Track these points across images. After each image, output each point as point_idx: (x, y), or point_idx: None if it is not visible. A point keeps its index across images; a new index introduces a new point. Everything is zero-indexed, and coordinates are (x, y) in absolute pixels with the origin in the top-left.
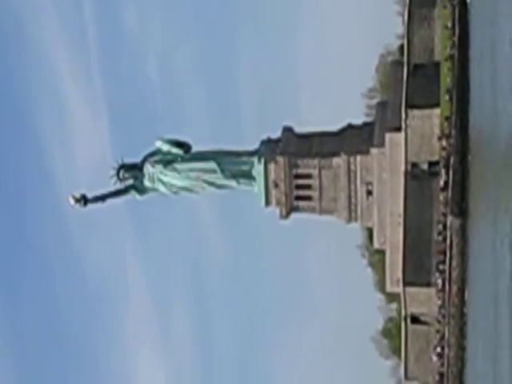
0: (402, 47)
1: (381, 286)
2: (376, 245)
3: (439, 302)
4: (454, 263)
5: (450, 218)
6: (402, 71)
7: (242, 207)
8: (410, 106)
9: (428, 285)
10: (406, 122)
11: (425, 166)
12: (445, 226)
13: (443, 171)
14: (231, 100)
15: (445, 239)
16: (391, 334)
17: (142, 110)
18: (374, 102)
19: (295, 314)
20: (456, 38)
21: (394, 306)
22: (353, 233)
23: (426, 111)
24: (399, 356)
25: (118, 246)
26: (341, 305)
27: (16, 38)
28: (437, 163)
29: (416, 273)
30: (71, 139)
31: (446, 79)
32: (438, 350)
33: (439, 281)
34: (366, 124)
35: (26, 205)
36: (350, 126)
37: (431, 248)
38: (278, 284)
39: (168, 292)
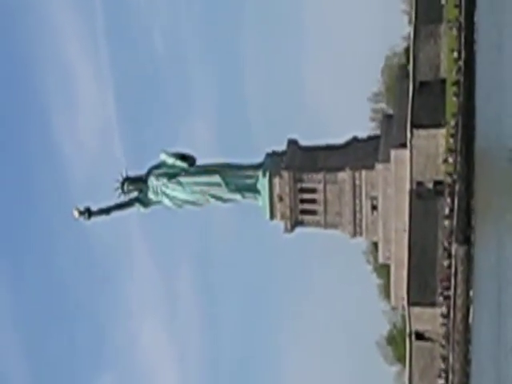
0: (407, 50)
1: (386, 291)
2: (381, 259)
3: (444, 329)
4: (459, 290)
5: (454, 246)
6: (408, 85)
7: None
8: (416, 125)
9: (433, 305)
10: (411, 142)
11: (430, 185)
12: (450, 254)
13: (448, 199)
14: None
15: (449, 266)
16: (396, 341)
17: (147, 80)
18: (380, 106)
19: (299, 316)
20: (462, 62)
21: (399, 311)
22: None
23: (432, 131)
24: (403, 363)
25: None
26: (346, 310)
27: (23, 5)
28: (442, 182)
29: (421, 293)
30: (76, 106)
31: (452, 105)
32: (443, 375)
33: (444, 308)
34: (371, 138)
35: (30, 171)
36: (355, 139)
37: (436, 267)
38: (283, 284)
39: (173, 258)
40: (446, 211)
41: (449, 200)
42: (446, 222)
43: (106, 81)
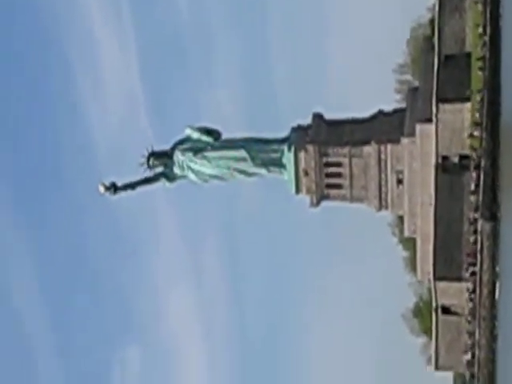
0: (432, 21)
1: (412, 264)
2: (407, 233)
3: (470, 305)
4: (485, 266)
5: (480, 222)
6: (433, 58)
7: None
8: (441, 99)
9: (459, 279)
10: (436, 116)
11: (456, 160)
12: (475, 230)
13: (474, 174)
14: (262, 51)
15: (475, 242)
16: (422, 313)
17: (171, 46)
18: (405, 77)
19: (325, 290)
20: (487, 37)
21: (425, 284)
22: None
23: (457, 105)
24: (429, 335)
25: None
26: (372, 283)
27: None
28: (468, 157)
29: (447, 267)
30: (101, 74)
31: (478, 80)
32: (469, 350)
33: (470, 284)
34: (396, 111)
35: (55, 140)
36: (380, 113)
37: (462, 242)
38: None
39: (198, 231)
40: (472, 187)
41: (474, 175)
42: (472, 198)
43: (130, 47)
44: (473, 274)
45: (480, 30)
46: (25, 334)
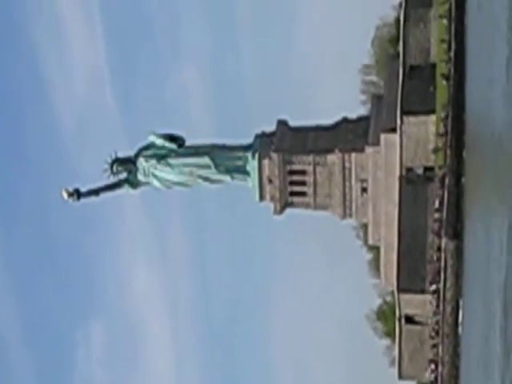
0: (397, 20)
1: (376, 265)
2: (371, 241)
3: (433, 320)
4: (448, 284)
5: (444, 240)
6: (398, 66)
7: None
8: (406, 111)
9: (422, 291)
10: (401, 128)
11: (420, 171)
12: (439, 248)
13: (438, 191)
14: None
15: (439, 259)
16: (385, 316)
17: (137, 20)
18: (370, 78)
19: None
20: (453, 53)
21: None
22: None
23: (422, 117)
24: (393, 338)
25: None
26: (336, 284)
27: None
28: (432, 169)
29: (410, 280)
30: (66, 47)
31: (442, 96)
32: (433, 367)
33: (433, 302)
34: (361, 118)
35: (20, 118)
36: (345, 120)
37: (426, 254)
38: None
39: (164, 204)
40: (436, 204)
41: (439, 193)
42: (436, 215)
43: (96, 21)
44: (436, 291)
45: (445, 45)
46: None
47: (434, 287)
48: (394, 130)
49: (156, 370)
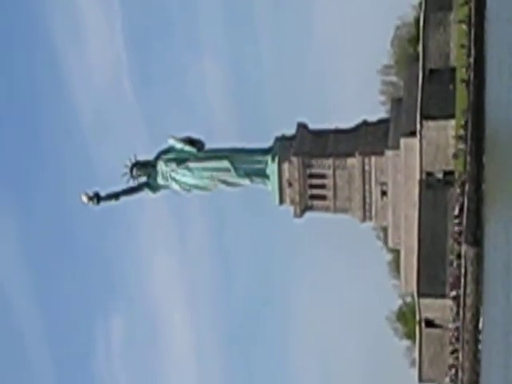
0: (417, 20)
1: (397, 266)
2: (391, 244)
3: (454, 326)
4: (469, 290)
5: (464, 247)
6: (418, 69)
7: None
8: (425, 116)
9: (442, 296)
10: (420, 133)
11: (440, 176)
12: (459, 254)
13: (458, 198)
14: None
15: (459, 266)
16: (405, 317)
17: (156, 8)
18: (389, 78)
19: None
20: (472, 59)
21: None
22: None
23: (442, 122)
24: (413, 339)
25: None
26: (357, 284)
27: None
28: (452, 173)
29: (430, 284)
30: (85, 41)
31: (462, 101)
32: (453, 372)
33: (454, 308)
34: (381, 121)
35: (39, 108)
36: (364, 123)
37: (446, 258)
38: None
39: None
40: (456, 211)
41: (459, 200)
42: (456, 222)
43: (115, 15)
44: (456, 297)
45: (464, 51)
46: (7, 305)
47: (454, 293)
48: (413, 134)
49: (176, 360)
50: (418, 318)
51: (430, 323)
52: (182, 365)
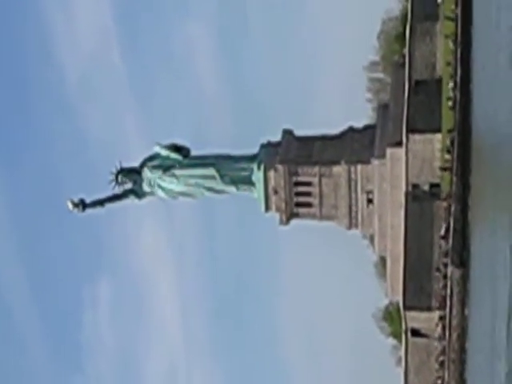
0: (405, 15)
1: (382, 267)
2: (377, 251)
3: (439, 347)
4: (454, 311)
5: (450, 268)
6: (404, 75)
7: None
8: (411, 129)
9: (428, 309)
10: (406, 146)
11: (426, 188)
12: (445, 275)
13: (445, 216)
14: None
15: (445, 286)
16: (391, 317)
17: None
18: (376, 75)
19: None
20: (458, 78)
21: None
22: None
23: (428, 136)
24: (399, 339)
25: (119, 117)
26: (342, 282)
27: None
28: (438, 185)
29: (416, 297)
30: (72, 6)
31: (448, 116)
32: None
33: (439, 329)
34: (367, 127)
35: (26, 75)
36: (351, 130)
37: (432, 271)
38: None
39: None
40: (442, 232)
41: (445, 217)
42: (442, 243)
43: None
44: (442, 318)
45: (450, 69)
46: None
47: (440, 313)
48: (399, 144)
49: (163, 327)
50: (404, 327)
51: (416, 332)
52: (169, 331)
